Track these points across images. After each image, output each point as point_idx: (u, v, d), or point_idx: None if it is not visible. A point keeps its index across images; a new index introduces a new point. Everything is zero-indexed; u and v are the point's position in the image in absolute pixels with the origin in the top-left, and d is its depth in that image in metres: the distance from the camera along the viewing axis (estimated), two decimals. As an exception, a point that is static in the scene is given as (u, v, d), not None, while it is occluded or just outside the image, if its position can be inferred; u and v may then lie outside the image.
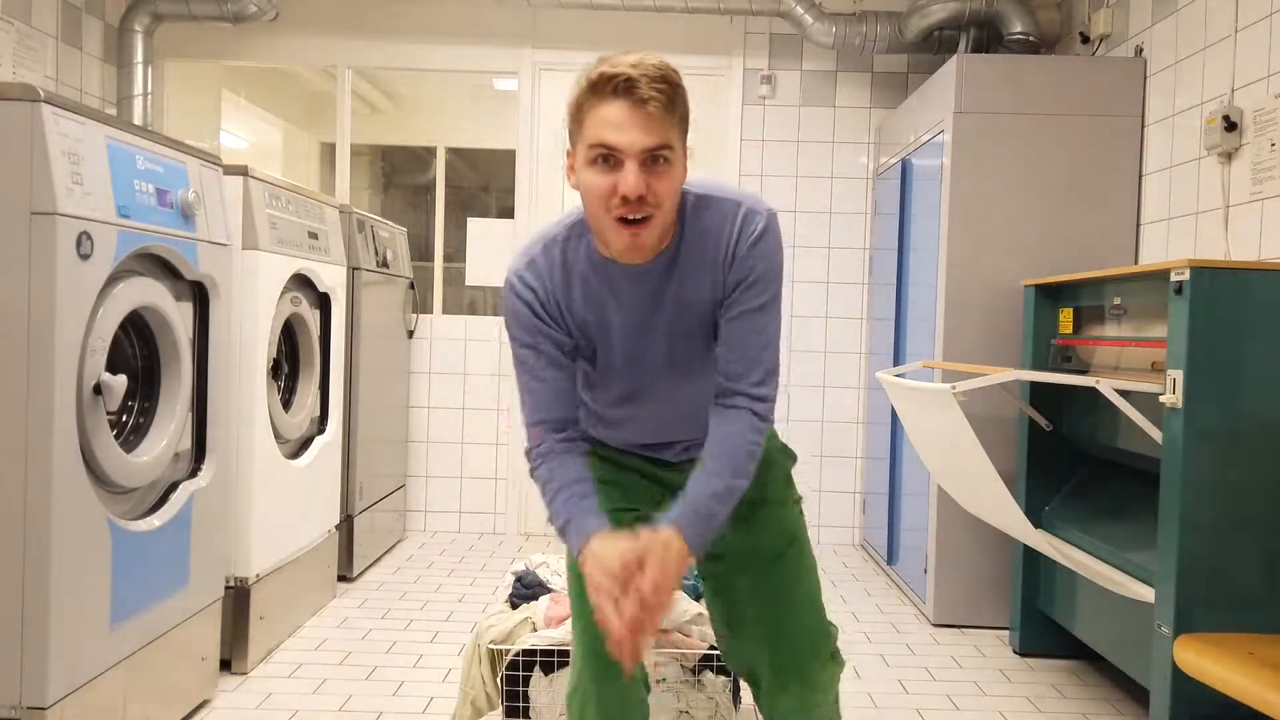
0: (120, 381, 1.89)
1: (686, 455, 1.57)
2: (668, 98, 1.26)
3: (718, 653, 2.01)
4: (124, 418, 2.10)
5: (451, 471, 4.35)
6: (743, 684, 2.11)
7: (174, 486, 2.20)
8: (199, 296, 2.28)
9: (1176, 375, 1.98)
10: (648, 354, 1.44)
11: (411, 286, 4.21)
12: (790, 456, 1.65)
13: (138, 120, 4.08)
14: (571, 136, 1.33)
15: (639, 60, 1.26)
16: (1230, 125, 2.56)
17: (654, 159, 1.26)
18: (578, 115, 1.29)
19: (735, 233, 1.37)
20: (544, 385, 1.41)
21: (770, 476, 1.57)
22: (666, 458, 1.58)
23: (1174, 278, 2.00)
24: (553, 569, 2.44)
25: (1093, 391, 2.48)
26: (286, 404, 2.88)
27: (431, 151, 6.68)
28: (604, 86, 1.25)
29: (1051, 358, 2.80)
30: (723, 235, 1.37)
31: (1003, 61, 3.20)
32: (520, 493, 4.34)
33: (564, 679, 2.01)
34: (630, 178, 1.24)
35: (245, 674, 2.55)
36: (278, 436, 2.71)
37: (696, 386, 1.48)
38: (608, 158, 1.25)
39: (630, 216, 1.27)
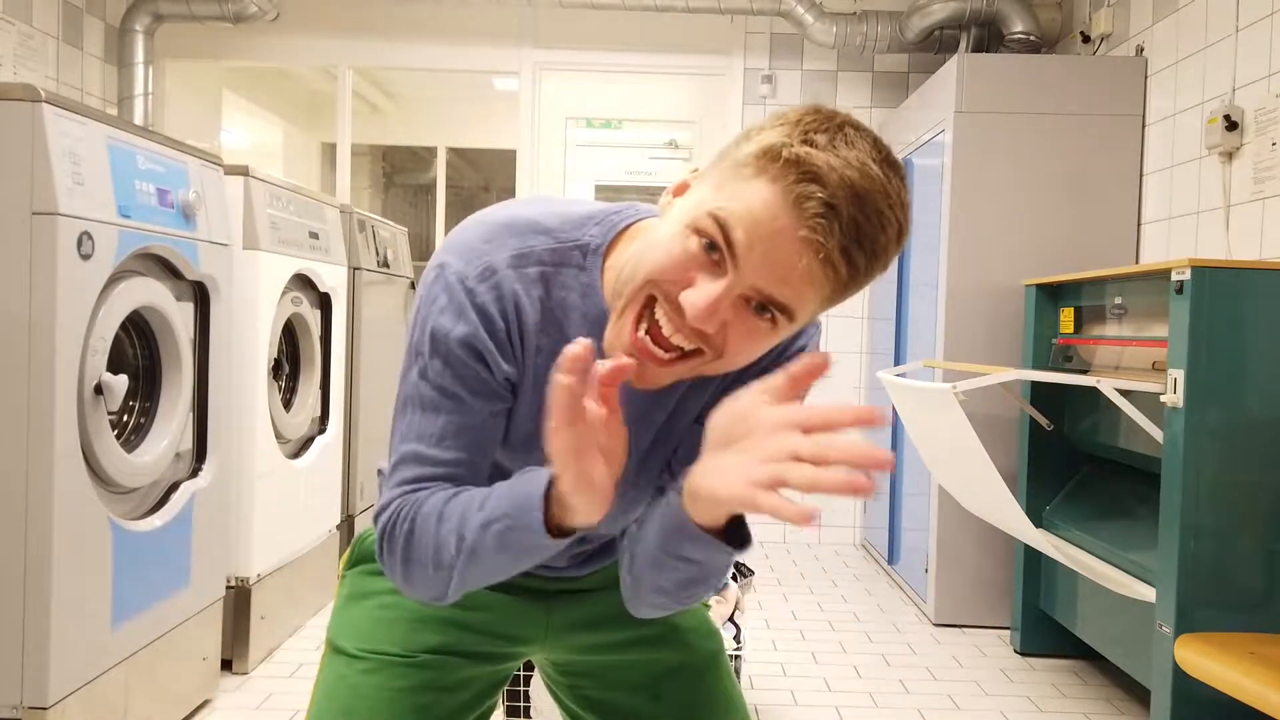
0: (121, 381, 1.89)
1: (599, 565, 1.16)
2: (867, 271, 0.77)
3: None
4: (125, 418, 2.10)
5: (452, 471, 4.35)
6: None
7: (175, 486, 2.20)
8: (200, 296, 2.28)
9: (1177, 375, 1.98)
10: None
11: (412, 286, 4.21)
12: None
13: (138, 120, 4.08)
14: (714, 164, 0.81)
15: (864, 169, 0.73)
16: (1231, 125, 2.56)
17: (762, 308, 0.78)
18: (737, 161, 0.77)
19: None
20: (466, 414, 0.88)
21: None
22: (570, 573, 1.14)
23: (1175, 277, 2.00)
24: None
25: (1094, 391, 2.48)
26: (287, 404, 2.88)
27: (432, 151, 6.68)
28: (788, 183, 0.73)
29: (1052, 357, 2.80)
30: None
31: (1003, 61, 3.20)
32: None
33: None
34: (711, 299, 0.76)
35: (246, 674, 2.54)
36: (279, 436, 2.71)
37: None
38: (714, 246, 0.76)
39: (664, 334, 0.80)
